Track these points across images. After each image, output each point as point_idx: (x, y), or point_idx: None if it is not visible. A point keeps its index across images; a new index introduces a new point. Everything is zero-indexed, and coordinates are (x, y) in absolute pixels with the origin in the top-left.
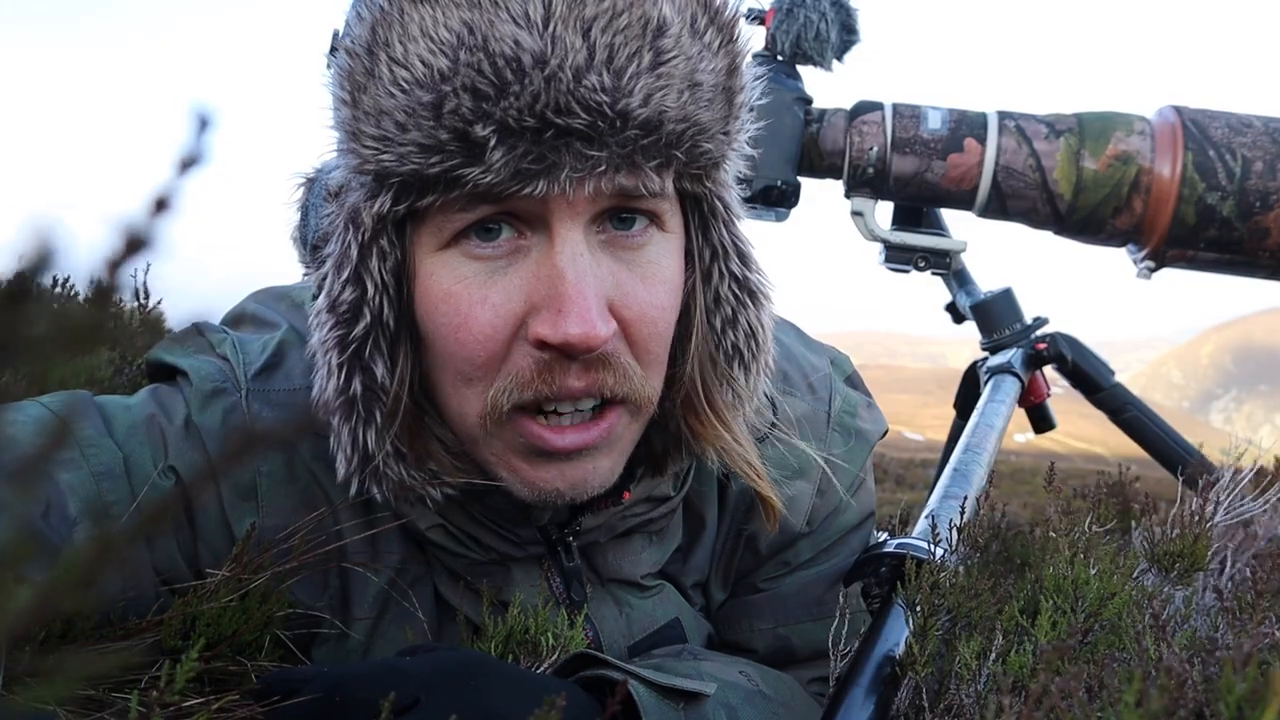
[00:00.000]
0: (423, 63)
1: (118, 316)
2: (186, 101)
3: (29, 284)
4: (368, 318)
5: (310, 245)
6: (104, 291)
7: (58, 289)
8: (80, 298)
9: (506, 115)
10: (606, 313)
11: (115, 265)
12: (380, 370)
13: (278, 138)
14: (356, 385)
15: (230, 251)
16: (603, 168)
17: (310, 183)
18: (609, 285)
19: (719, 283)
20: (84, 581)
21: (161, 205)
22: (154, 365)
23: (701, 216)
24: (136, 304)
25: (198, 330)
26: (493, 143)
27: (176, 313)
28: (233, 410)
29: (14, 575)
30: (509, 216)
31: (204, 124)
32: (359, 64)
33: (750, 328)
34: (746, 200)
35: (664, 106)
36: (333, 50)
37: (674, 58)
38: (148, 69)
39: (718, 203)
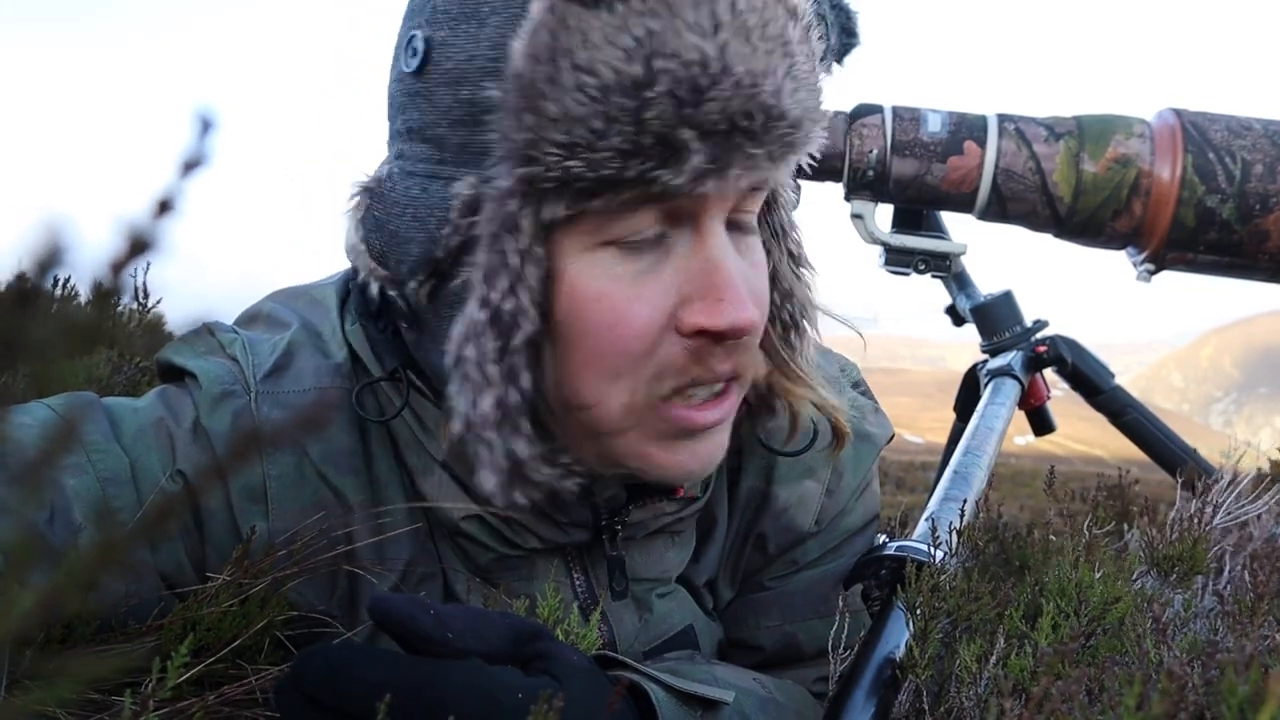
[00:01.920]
0: (613, 70)
1: (117, 317)
2: (188, 102)
3: (38, 285)
4: (526, 327)
5: (399, 259)
6: (106, 293)
7: (57, 289)
8: (80, 298)
9: (706, 119)
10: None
11: (119, 267)
12: (528, 377)
13: (278, 138)
14: (514, 396)
15: (230, 251)
16: (760, 166)
17: (368, 192)
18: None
19: (778, 260)
20: (87, 584)
21: (165, 207)
22: (163, 366)
23: (768, 201)
24: (136, 304)
25: (208, 330)
26: (694, 146)
27: (175, 312)
28: (242, 413)
29: (18, 578)
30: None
31: (206, 126)
32: (541, 70)
33: (801, 298)
34: None
35: (804, 104)
36: (423, 54)
37: (802, 60)
38: (148, 69)
39: (780, 187)
